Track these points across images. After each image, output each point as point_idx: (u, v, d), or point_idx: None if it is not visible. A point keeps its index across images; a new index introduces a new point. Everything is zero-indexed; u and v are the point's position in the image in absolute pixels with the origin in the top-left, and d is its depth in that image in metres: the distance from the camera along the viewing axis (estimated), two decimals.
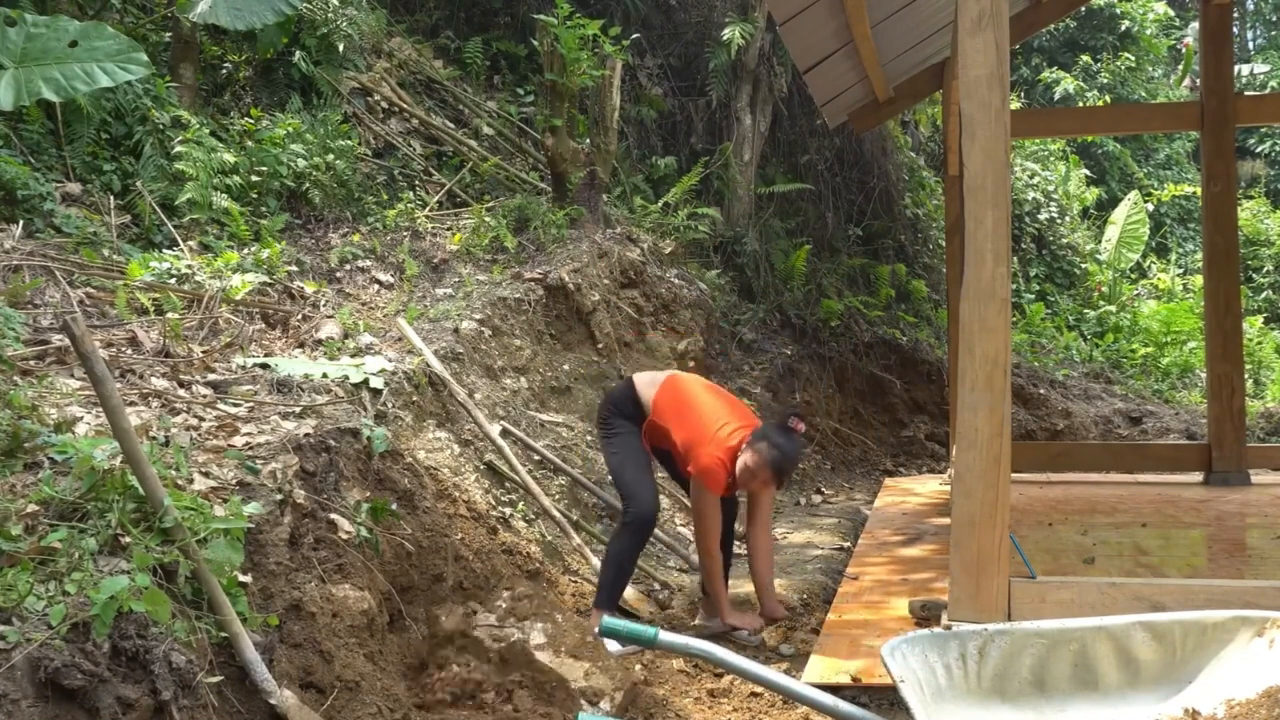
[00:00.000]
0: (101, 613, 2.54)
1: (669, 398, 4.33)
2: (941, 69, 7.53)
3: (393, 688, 3.35)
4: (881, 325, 10.00)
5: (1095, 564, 4.04)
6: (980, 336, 3.05)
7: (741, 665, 2.61)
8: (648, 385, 4.39)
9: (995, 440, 3.03)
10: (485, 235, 6.66)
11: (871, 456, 9.35)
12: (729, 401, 4.46)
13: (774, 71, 9.79)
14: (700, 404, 4.32)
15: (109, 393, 2.77)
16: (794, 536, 6.42)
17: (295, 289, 5.46)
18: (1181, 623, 2.49)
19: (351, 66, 7.79)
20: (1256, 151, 17.83)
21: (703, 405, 4.31)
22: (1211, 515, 5.35)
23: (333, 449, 3.76)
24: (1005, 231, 3.06)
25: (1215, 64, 6.38)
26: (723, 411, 4.29)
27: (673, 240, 8.07)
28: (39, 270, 4.57)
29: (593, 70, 7.07)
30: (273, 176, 6.33)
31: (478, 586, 4.17)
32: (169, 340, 4.29)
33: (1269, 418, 10.31)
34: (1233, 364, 6.39)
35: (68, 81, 4.81)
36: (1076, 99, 15.13)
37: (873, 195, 10.72)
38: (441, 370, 5.01)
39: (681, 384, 4.43)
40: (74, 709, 2.42)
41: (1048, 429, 9.63)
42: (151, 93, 6.03)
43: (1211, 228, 6.45)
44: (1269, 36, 21.75)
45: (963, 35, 3.11)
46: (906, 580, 4.87)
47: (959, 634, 2.49)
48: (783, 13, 5.50)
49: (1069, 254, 13.60)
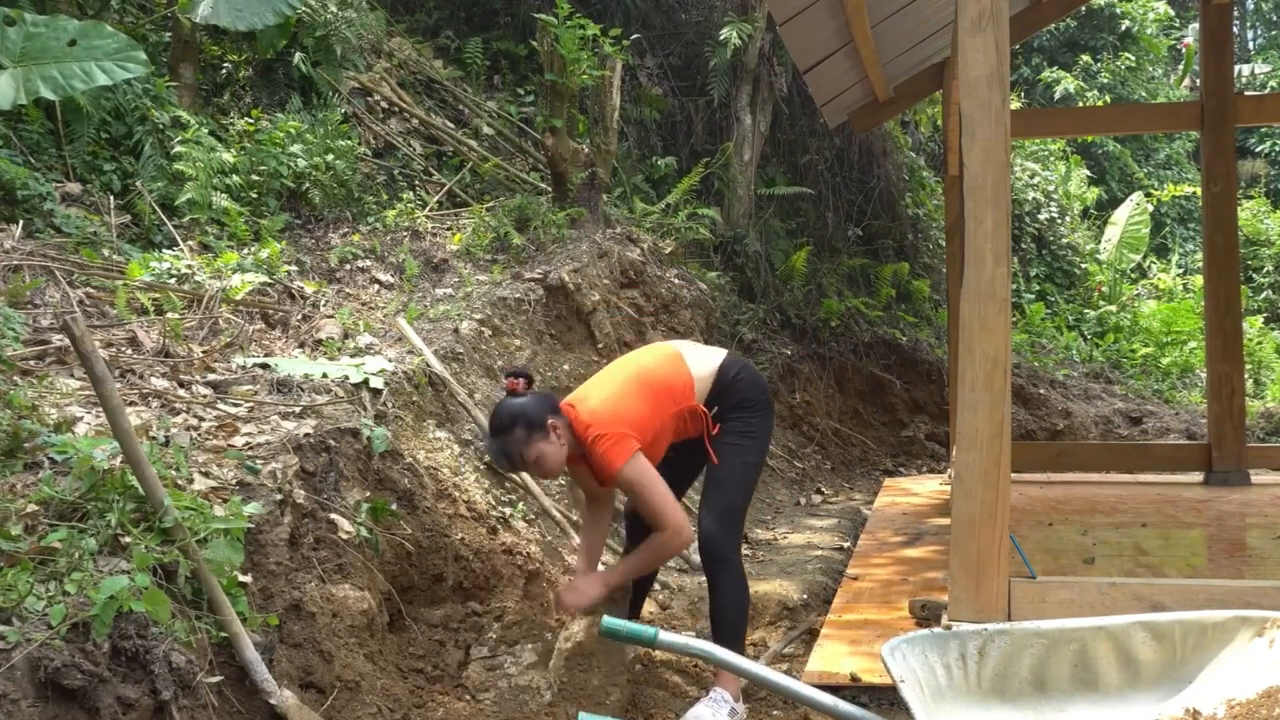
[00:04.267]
0: (101, 613, 2.54)
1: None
2: (941, 69, 7.53)
3: (393, 688, 3.36)
4: (881, 325, 10.00)
5: (1095, 564, 4.04)
6: (980, 336, 3.05)
7: (741, 665, 2.61)
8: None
9: (995, 440, 3.03)
10: (485, 235, 6.66)
11: (871, 456, 9.35)
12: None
13: (774, 71, 9.79)
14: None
15: (109, 393, 2.77)
16: (794, 537, 6.42)
17: (295, 289, 5.45)
18: (1181, 623, 2.49)
19: (351, 66, 7.79)
20: (1256, 151, 17.84)
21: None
22: (1211, 515, 5.35)
23: (333, 449, 3.76)
24: (1005, 231, 3.05)
25: (1215, 64, 6.38)
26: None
27: (673, 240, 8.07)
28: (39, 270, 4.57)
29: (593, 70, 7.07)
30: (273, 176, 6.33)
31: (478, 586, 4.17)
32: (169, 340, 4.29)
33: (1269, 418, 10.32)
34: (1233, 364, 6.39)
35: (65, 80, 4.81)
36: (1076, 99, 15.14)
37: (873, 195, 10.72)
38: (441, 370, 5.01)
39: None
40: (74, 709, 2.42)
41: (1048, 429, 9.64)
42: (151, 93, 6.03)
43: (1211, 228, 6.45)
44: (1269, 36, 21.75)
45: (963, 35, 3.11)
46: (907, 580, 4.87)
47: (959, 634, 2.49)
48: (783, 13, 5.50)
49: (1069, 254, 13.61)
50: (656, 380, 3.65)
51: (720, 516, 3.60)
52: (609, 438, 3.47)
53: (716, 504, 3.62)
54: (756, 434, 3.72)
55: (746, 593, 3.67)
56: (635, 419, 3.54)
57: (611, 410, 3.54)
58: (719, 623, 3.59)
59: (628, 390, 3.61)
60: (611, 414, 3.52)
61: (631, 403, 3.57)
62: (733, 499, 3.65)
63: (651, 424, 3.59)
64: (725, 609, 3.59)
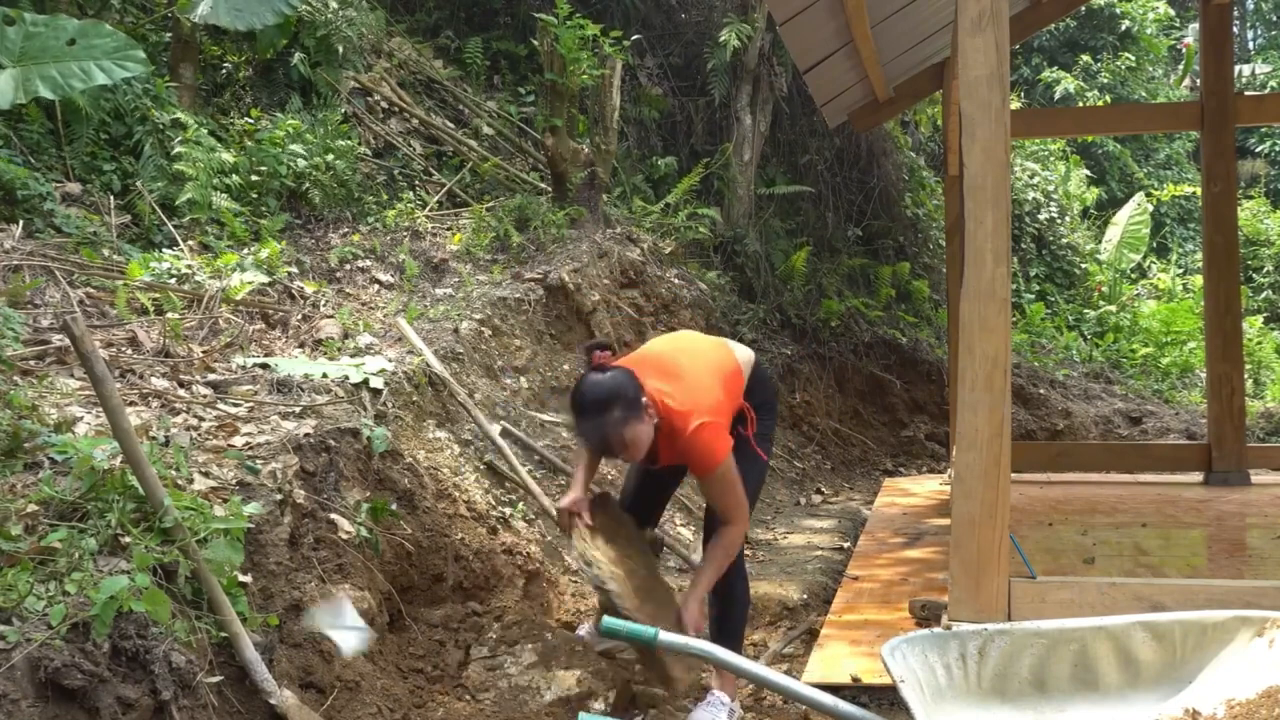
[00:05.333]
0: (101, 613, 2.54)
1: None
2: (941, 69, 7.53)
3: (393, 688, 3.36)
4: (881, 325, 10.00)
5: (1095, 564, 4.04)
6: (980, 336, 3.05)
7: (741, 665, 2.61)
8: None
9: (995, 440, 3.03)
10: (485, 235, 6.66)
11: (871, 456, 9.35)
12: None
13: (774, 71, 9.79)
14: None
15: (109, 393, 2.77)
16: (794, 537, 6.42)
17: (295, 289, 5.45)
18: (1181, 623, 2.49)
19: (351, 66, 7.79)
20: (1256, 151, 17.83)
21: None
22: (1211, 515, 5.35)
23: (333, 449, 3.76)
24: (1005, 231, 3.05)
25: (1215, 64, 6.38)
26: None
27: (673, 240, 8.07)
28: (39, 270, 4.57)
29: (593, 70, 7.07)
30: (273, 176, 6.33)
31: (478, 586, 4.18)
32: (169, 340, 4.29)
33: (1269, 418, 10.32)
34: (1233, 364, 6.39)
35: (65, 80, 4.82)
36: (1076, 99, 15.14)
37: (873, 195, 10.72)
38: (441, 370, 5.01)
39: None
40: (74, 709, 2.42)
41: (1048, 429, 9.63)
42: (151, 93, 6.03)
43: (1211, 228, 6.45)
44: (1269, 36, 21.75)
45: (963, 35, 3.11)
46: (907, 580, 4.87)
47: (959, 634, 2.49)
48: (783, 13, 5.50)
49: (1069, 254, 13.61)
50: (728, 372, 3.51)
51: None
52: (712, 428, 3.28)
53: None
54: (770, 436, 3.67)
55: (748, 594, 3.68)
56: (722, 410, 3.40)
57: (713, 400, 3.35)
58: (722, 624, 3.56)
59: (714, 380, 3.43)
60: (713, 404, 3.34)
61: (718, 394, 3.41)
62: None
63: (730, 416, 3.46)
64: (730, 611, 3.55)
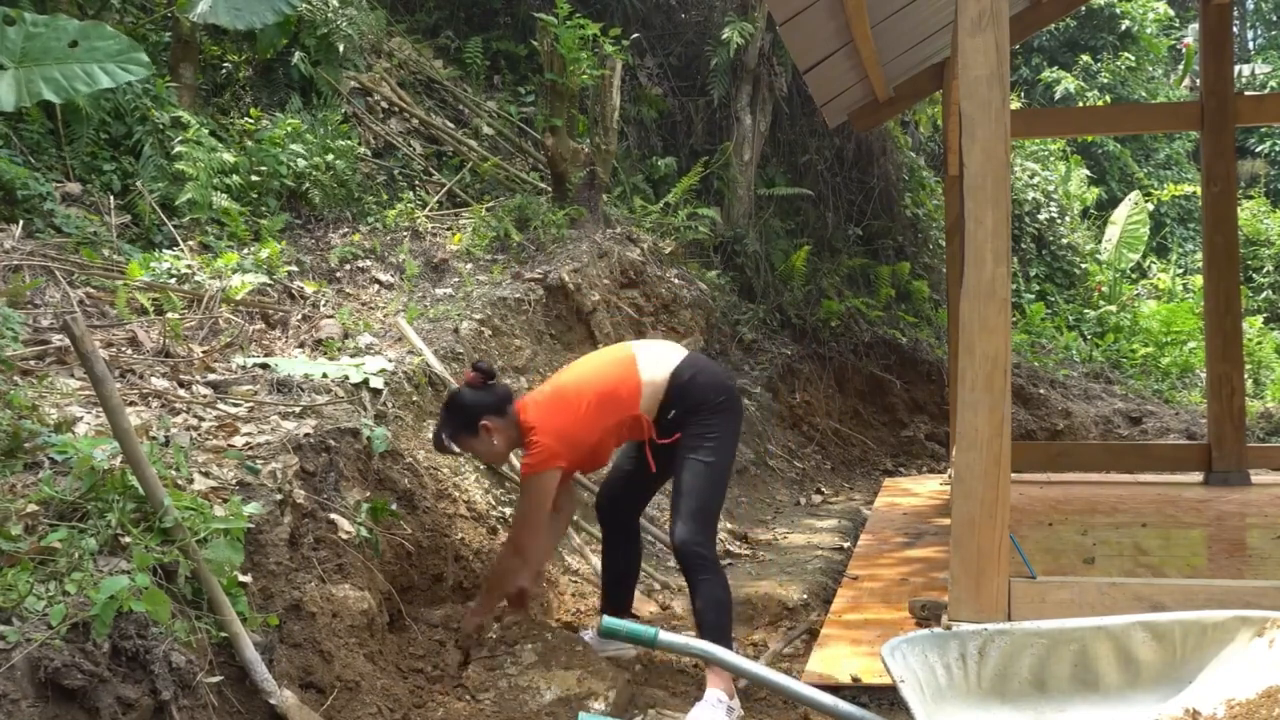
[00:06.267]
0: (101, 613, 2.54)
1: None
2: (941, 69, 7.53)
3: (393, 688, 3.36)
4: (881, 325, 10.00)
5: (1095, 564, 4.04)
6: (980, 336, 3.05)
7: (741, 665, 2.61)
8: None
9: (995, 440, 3.03)
10: (485, 235, 6.65)
11: (871, 456, 9.36)
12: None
13: (774, 71, 9.79)
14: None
15: (109, 393, 2.77)
16: (794, 537, 6.42)
17: (295, 289, 5.45)
18: (1181, 623, 2.49)
19: (351, 66, 7.79)
20: (1256, 151, 17.84)
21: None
22: (1211, 515, 5.35)
23: (333, 449, 3.76)
24: (1005, 231, 3.06)
25: (1215, 64, 6.38)
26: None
27: (673, 240, 8.07)
28: (39, 270, 4.57)
29: (592, 70, 7.06)
30: (273, 176, 6.33)
31: (477, 586, 4.17)
32: (169, 340, 4.29)
33: (1269, 418, 10.32)
34: (1233, 364, 6.39)
35: (68, 82, 4.80)
36: (1076, 99, 15.14)
37: (873, 195, 10.73)
38: (442, 370, 5.01)
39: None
40: (74, 709, 2.42)
41: (1048, 429, 9.64)
42: (151, 93, 6.03)
43: (1211, 228, 6.45)
44: (1269, 36, 21.76)
45: (963, 35, 3.11)
46: (907, 580, 4.87)
47: (959, 634, 2.49)
48: (783, 13, 5.50)
49: (1069, 254, 13.61)
50: (605, 389, 3.77)
51: (688, 521, 3.67)
52: (539, 447, 3.69)
53: (683, 510, 3.69)
54: (717, 434, 3.75)
55: (726, 591, 3.71)
56: (573, 435, 3.74)
57: (558, 423, 3.72)
58: (701, 624, 3.65)
59: (579, 402, 3.75)
60: (556, 427, 3.71)
61: (567, 418, 3.74)
62: (698, 502, 3.70)
63: (588, 439, 3.78)
64: (705, 610, 3.65)
